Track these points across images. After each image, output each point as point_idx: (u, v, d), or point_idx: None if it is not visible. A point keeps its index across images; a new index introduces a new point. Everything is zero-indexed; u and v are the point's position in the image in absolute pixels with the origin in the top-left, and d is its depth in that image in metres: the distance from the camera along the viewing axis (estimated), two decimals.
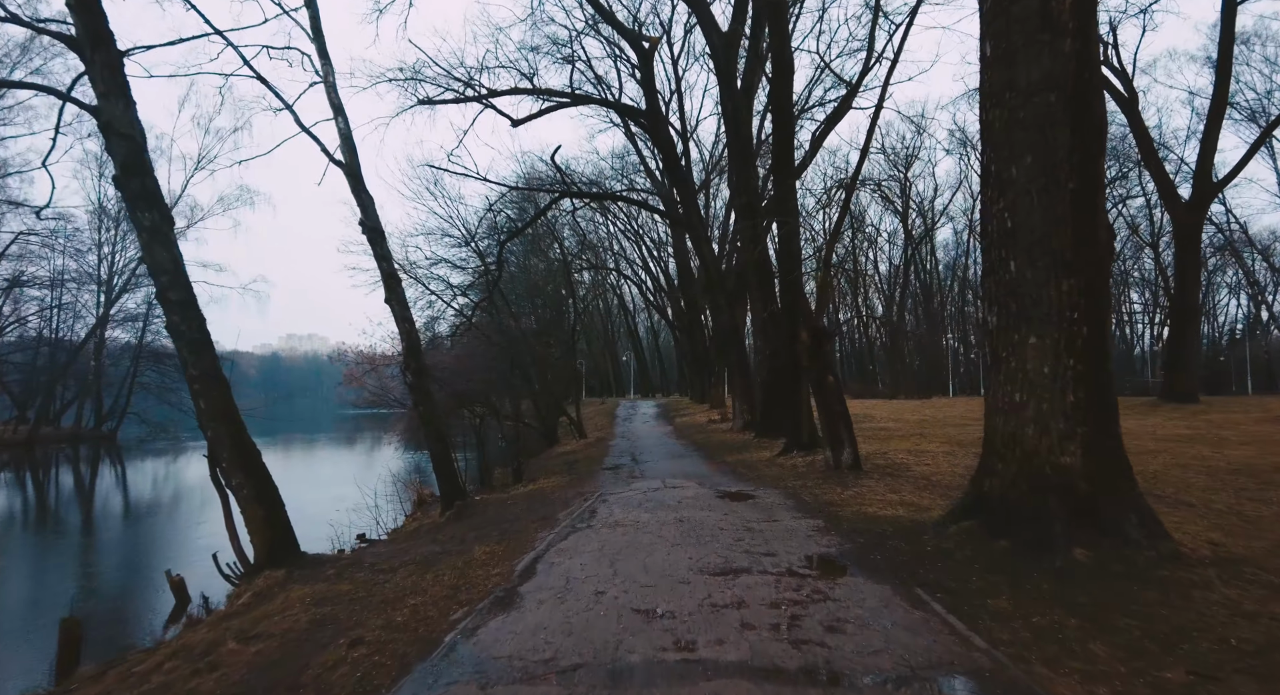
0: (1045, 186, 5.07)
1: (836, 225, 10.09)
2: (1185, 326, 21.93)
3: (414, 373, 9.87)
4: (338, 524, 11.84)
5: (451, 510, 9.66)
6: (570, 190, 18.33)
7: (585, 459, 16.38)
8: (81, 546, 13.42)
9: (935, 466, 10.59)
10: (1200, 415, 17.81)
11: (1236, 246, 37.72)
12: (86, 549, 13.14)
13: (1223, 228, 36.16)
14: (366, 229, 9.96)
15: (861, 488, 8.64)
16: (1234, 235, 37.52)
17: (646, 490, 9.11)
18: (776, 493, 8.56)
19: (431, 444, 10.00)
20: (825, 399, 9.87)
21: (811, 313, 9.86)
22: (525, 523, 7.23)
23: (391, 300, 10.02)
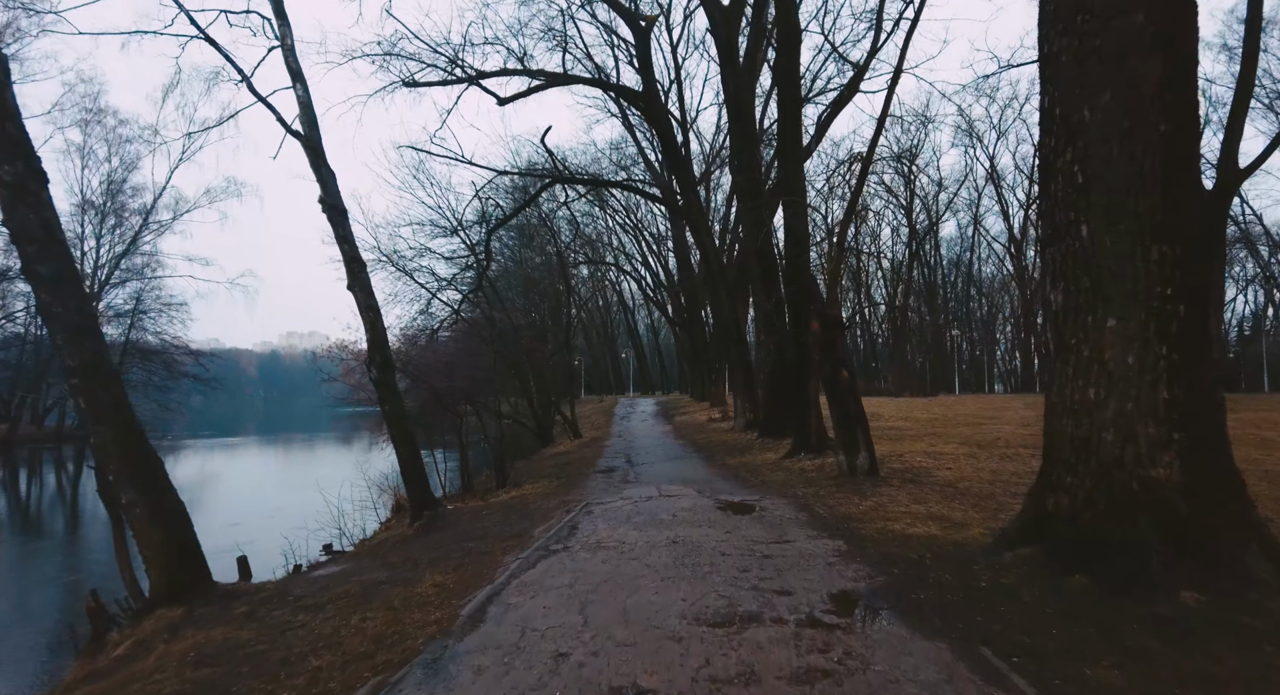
0: (1129, 131, 4.03)
1: (851, 202, 9.07)
2: (1207, 322, 20.87)
3: (378, 367, 8.85)
4: (311, 530, 10.86)
5: (421, 521, 8.65)
6: (562, 175, 17.30)
7: (578, 461, 15.38)
8: (20, 556, 12.42)
9: (959, 471, 9.58)
10: (1230, 414, 16.77)
11: (1252, 239, 36.57)
12: (24, 559, 12.15)
13: (1236, 219, 35.02)
14: (327, 207, 8.93)
15: (881, 497, 7.62)
16: (1248, 227, 36.39)
17: (638, 499, 8.09)
18: (785, 503, 7.54)
19: (399, 447, 9.00)
20: (838, 397, 8.85)
21: (823, 300, 8.83)
22: (493, 542, 6.21)
23: (354, 287, 9.00)
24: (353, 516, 12.03)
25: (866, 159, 8.83)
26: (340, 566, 7.82)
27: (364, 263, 9.15)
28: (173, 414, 43.33)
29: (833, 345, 8.83)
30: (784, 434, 14.68)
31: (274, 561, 9.50)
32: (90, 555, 12.94)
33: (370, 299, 9.06)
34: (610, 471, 12.75)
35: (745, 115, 14.44)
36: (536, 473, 14.43)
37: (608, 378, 60.02)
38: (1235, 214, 34.51)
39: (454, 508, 9.31)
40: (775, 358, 15.31)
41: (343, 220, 9.01)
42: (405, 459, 9.04)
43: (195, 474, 25.97)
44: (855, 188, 8.92)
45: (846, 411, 8.85)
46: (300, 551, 10.46)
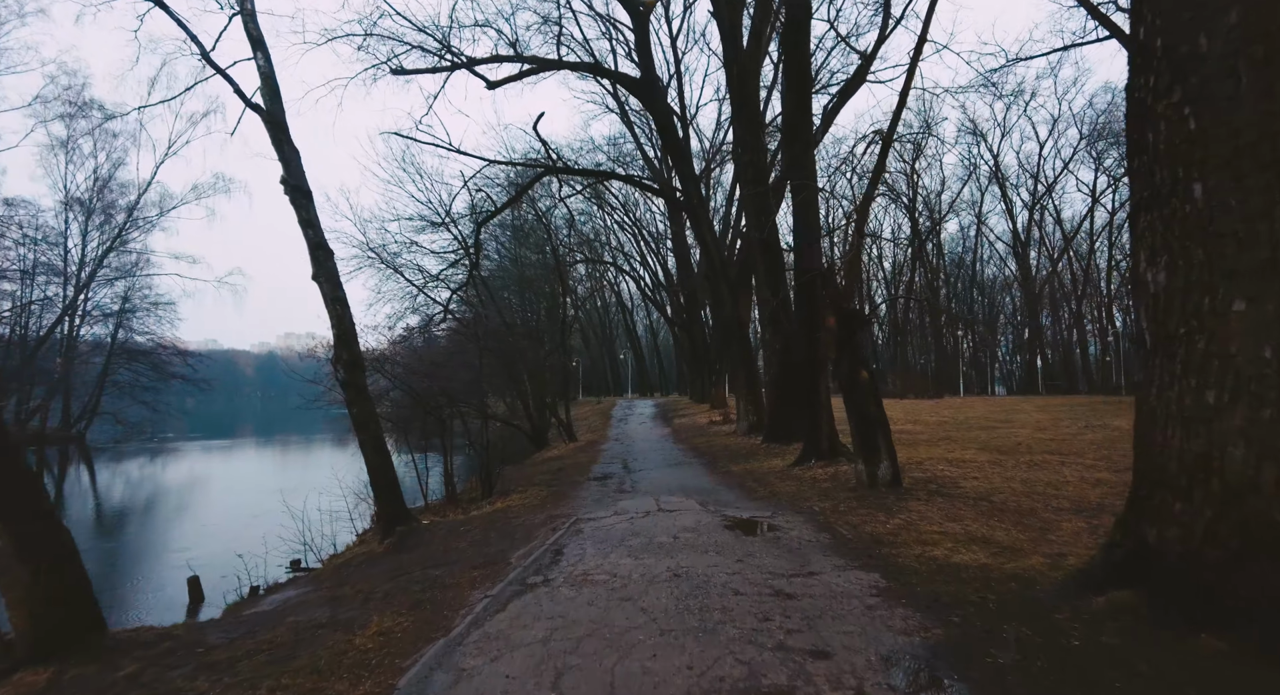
0: (1265, 58, 3.14)
1: (872, 183, 8.16)
2: None
3: (345, 366, 7.94)
4: (287, 540, 9.96)
5: (391, 538, 7.73)
6: (556, 166, 16.40)
7: (572, 466, 14.47)
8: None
9: (987, 481, 8.68)
10: None
11: None
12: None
13: None
14: (289, 188, 8.03)
15: (910, 514, 6.71)
16: None
17: (634, 515, 7.18)
18: (801, 521, 6.63)
19: (368, 454, 8.08)
20: (857, 399, 7.94)
21: (839, 292, 7.93)
22: (463, 570, 5.30)
23: (319, 276, 8.09)
24: (330, 526, 11.12)
25: (888, 134, 7.94)
26: (297, 590, 6.92)
27: (330, 250, 8.25)
28: (161, 416, 42.42)
29: (851, 342, 7.93)
30: (791, 439, 13.78)
31: (235, 580, 8.61)
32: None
33: (338, 290, 8.15)
34: (605, 479, 11.84)
35: (749, 99, 13.55)
36: (527, 479, 13.51)
37: (606, 379, 59.08)
38: None
39: (429, 522, 8.39)
40: (781, 357, 14.41)
41: (307, 203, 8.11)
42: (376, 468, 8.12)
43: (179, 478, 25.06)
44: (877, 165, 8.02)
45: (866, 415, 7.94)
46: (269, 566, 9.57)
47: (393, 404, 11.81)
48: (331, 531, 10.05)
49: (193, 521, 15.24)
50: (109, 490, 22.28)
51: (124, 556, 12.32)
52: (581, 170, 19.20)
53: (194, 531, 13.92)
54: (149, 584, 10.19)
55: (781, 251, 14.44)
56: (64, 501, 20.60)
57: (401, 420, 11.89)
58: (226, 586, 8.78)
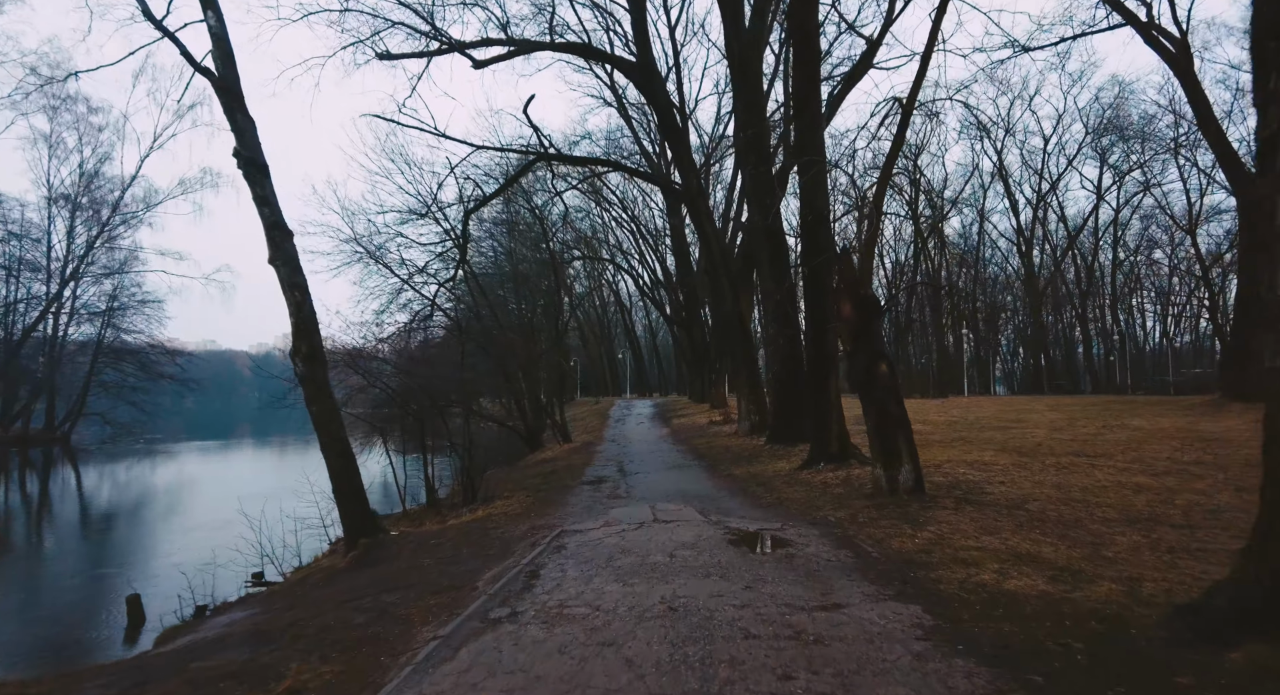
0: None
1: (890, 155, 7.31)
2: (1255, 315, 19.18)
3: (304, 359, 7.10)
4: (256, 550, 9.15)
5: (355, 551, 6.90)
6: (548, 153, 15.58)
7: (565, 469, 13.64)
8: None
9: (1016, 486, 7.87)
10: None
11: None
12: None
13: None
14: (243, 161, 7.20)
15: (940, 526, 5.89)
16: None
17: (627, 526, 6.34)
18: (817, 535, 5.80)
19: (330, 458, 7.24)
20: (876, 396, 7.11)
21: (856, 277, 7.10)
22: (419, 597, 4.46)
23: (277, 260, 7.26)
24: (301, 535, 10.28)
25: (909, 101, 7.11)
26: (244, 612, 6.09)
27: (289, 231, 7.41)
28: (149, 416, 41.48)
29: (868, 333, 7.11)
30: (796, 439, 12.96)
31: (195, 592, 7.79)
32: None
33: (296, 275, 7.31)
34: (599, 483, 11.02)
35: (751, 81, 12.72)
36: (516, 483, 12.68)
37: (604, 379, 58.16)
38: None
39: (399, 534, 7.55)
40: (786, 353, 13.58)
41: (262, 178, 7.27)
42: (339, 473, 7.29)
43: (158, 481, 24.17)
44: (896, 136, 7.19)
45: (886, 414, 7.11)
46: (232, 578, 8.75)
47: (372, 402, 10.98)
48: (297, 541, 9.20)
49: (163, 528, 14.40)
50: (83, 493, 21.40)
51: (81, 566, 11.47)
52: (576, 158, 18.38)
53: (162, 539, 13.09)
54: (102, 598, 9.35)
55: (786, 241, 13.62)
56: (50, 503, 19.74)
57: (380, 420, 11.07)
58: (183, 602, 7.97)
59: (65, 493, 21.87)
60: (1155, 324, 47.13)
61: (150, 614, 7.62)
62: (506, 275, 27.19)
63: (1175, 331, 45.53)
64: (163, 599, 8.31)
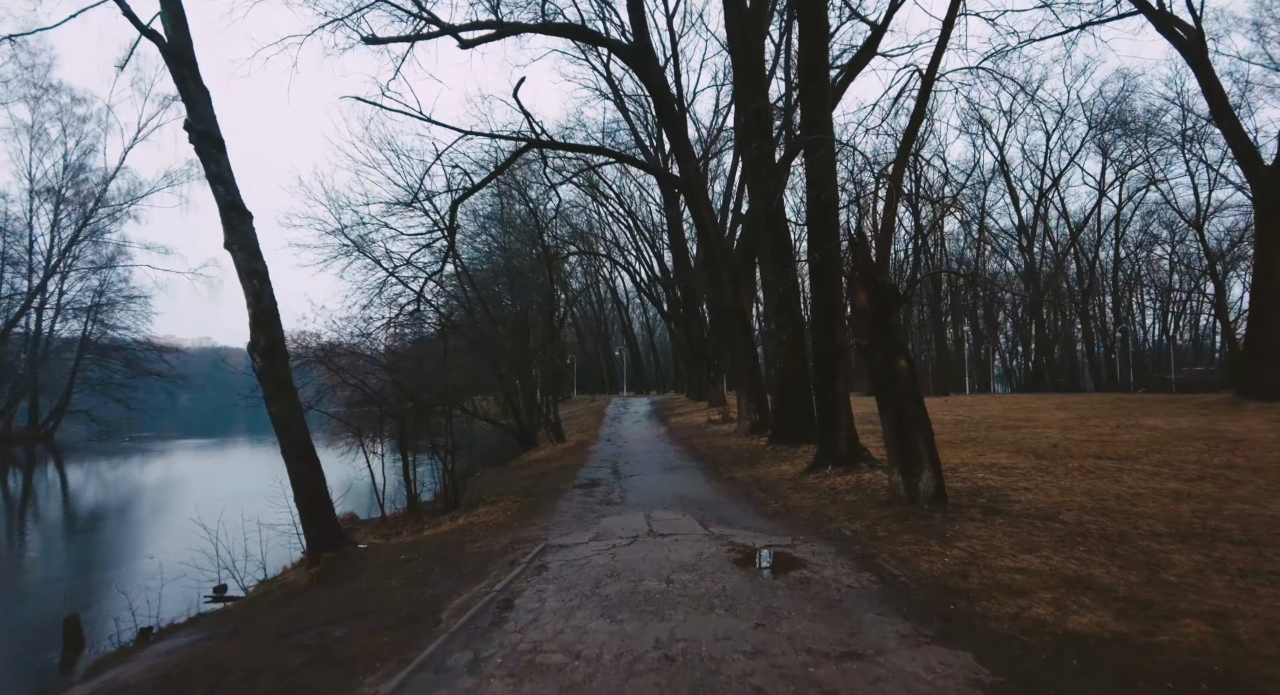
0: None
1: (910, 129, 6.61)
2: (1270, 311, 18.57)
3: (263, 353, 6.39)
4: (237, 555, 8.46)
5: (318, 566, 6.21)
6: (540, 140, 14.87)
7: (557, 470, 12.97)
8: None
9: (1043, 493, 7.21)
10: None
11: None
12: None
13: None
14: (196, 135, 6.48)
15: (971, 541, 5.22)
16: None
17: (619, 540, 5.66)
18: (833, 552, 5.12)
19: (292, 463, 6.54)
20: (894, 394, 6.44)
21: (872, 264, 6.42)
22: (371, 632, 3.78)
23: (233, 244, 6.55)
24: (277, 541, 9.59)
25: (930, 71, 6.44)
26: (188, 638, 5.40)
27: (248, 212, 6.68)
28: (137, 414, 40.65)
29: (885, 325, 6.44)
30: (800, 440, 12.31)
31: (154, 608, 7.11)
32: None
33: (255, 261, 6.59)
34: (591, 486, 10.35)
35: (753, 55, 12.00)
36: (504, 486, 12.01)
37: (601, 377, 57.48)
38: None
39: (368, 547, 6.85)
40: (790, 349, 12.91)
41: (217, 153, 6.55)
42: (301, 480, 6.59)
43: (139, 481, 23.43)
44: (916, 109, 6.51)
45: (905, 414, 6.44)
46: (193, 591, 8.04)
47: (347, 401, 10.27)
48: (262, 553, 8.49)
49: (132, 533, 13.69)
50: (52, 493, 20.64)
51: (39, 576, 10.75)
52: (569, 144, 17.66)
53: (128, 545, 12.37)
54: (51, 614, 8.63)
55: (788, 230, 12.94)
56: (19, 504, 18.99)
57: (358, 420, 10.36)
58: (138, 617, 7.28)
59: (38, 493, 21.12)
60: (1154, 322, 46.56)
61: (100, 633, 6.93)
62: (500, 270, 26.51)
63: (1175, 329, 44.99)
64: (114, 615, 7.63)
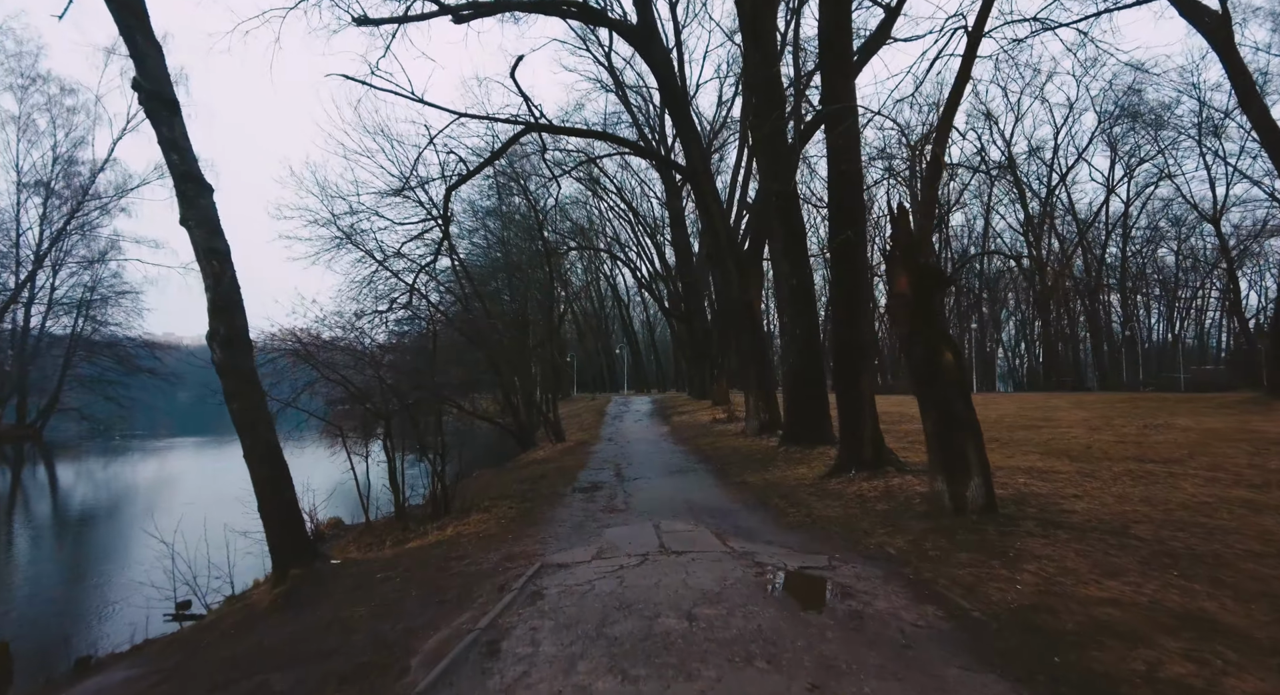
0: None
1: (955, 92, 5.81)
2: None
3: (223, 344, 5.61)
4: (218, 566, 7.70)
5: (284, 586, 5.43)
6: (538, 124, 14.08)
7: (555, 472, 12.20)
8: None
9: (1098, 501, 6.46)
10: None
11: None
12: None
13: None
14: (146, 95, 5.69)
15: (1041, 562, 4.45)
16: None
17: (625, 558, 4.88)
18: (880, 576, 4.34)
19: (255, 467, 5.74)
20: (939, 392, 5.67)
21: (914, 242, 5.65)
22: (318, 688, 3.01)
23: (190, 219, 5.76)
24: (257, 550, 8.82)
25: (977, 27, 5.65)
26: (124, 673, 4.62)
27: (207, 184, 5.89)
28: (128, 411, 39.84)
29: (928, 312, 5.67)
30: (815, 441, 11.54)
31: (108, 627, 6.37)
32: None
33: (215, 239, 5.80)
34: (592, 491, 9.58)
35: (763, 22, 11.17)
36: (500, 489, 11.24)
37: (601, 375, 56.73)
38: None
39: (342, 562, 6.06)
40: (803, 343, 12.13)
41: (170, 117, 5.75)
42: (266, 486, 5.80)
43: (126, 481, 22.66)
44: (961, 69, 5.72)
45: (951, 414, 5.67)
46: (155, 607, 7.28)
47: (325, 399, 9.49)
48: (229, 566, 7.70)
49: (104, 538, 12.92)
50: (34, 494, 19.85)
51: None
52: (569, 129, 16.85)
53: (97, 554, 11.61)
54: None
55: (802, 216, 12.14)
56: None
57: (339, 418, 9.58)
58: (85, 642, 6.52)
59: (9, 495, 20.30)
60: (1159, 320, 45.69)
61: (38, 662, 6.16)
62: (499, 266, 25.76)
63: (1181, 327, 44.15)
64: (66, 635, 6.87)
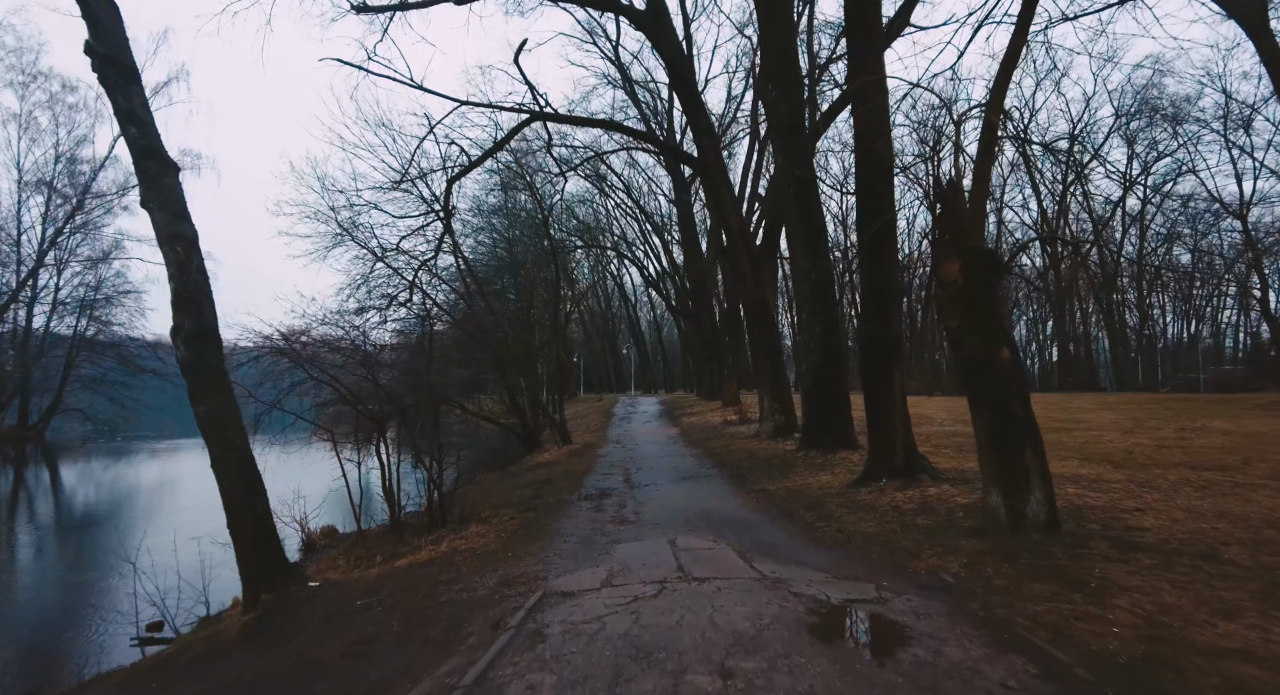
0: None
1: (1011, 52, 5.05)
2: None
3: (188, 341, 4.99)
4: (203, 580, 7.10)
5: (254, 613, 4.80)
6: (543, 112, 13.45)
7: (561, 477, 11.57)
8: None
9: (1167, 517, 5.77)
10: None
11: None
12: None
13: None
14: (100, 61, 5.06)
15: (1132, 596, 3.76)
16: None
17: (639, 593, 4.21)
18: (943, 612, 3.66)
19: (224, 477, 5.09)
20: (992, 393, 4.98)
21: (966, 224, 4.96)
22: None
23: (151, 202, 5.14)
24: None
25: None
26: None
27: (171, 163, 5.27)
28: (130, 412, 39.48)
29: (981, 303, 4.99)
30: (835, 445, 10.86)
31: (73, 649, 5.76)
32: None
33: (179, 223, 5.17)
34: (600, 498, 8.95)
35: (778, 12, 10.51)
36: (502, 495, 10.62)
37: (608, 375, 56.10)
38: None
39: (322, 584, 5.41)
40: (823, 342, 11.45)
41: (128, 86, 5.13)
42: (236, 498, 5.16)
43: (125, 483, 22.18)
44: (1019, 25, 5.02)
45: (1008, 418, 4.98)
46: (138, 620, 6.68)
47: (322, 401, 8.87)
48: (204, 584, 7.06)
49: (87, 547, 12.38)
50: (31, 496, 19.36)
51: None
52: (575, 118, 16.17)
53: (80, 561, 11.06)
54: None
55: (821, 205, 11.45)
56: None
57: (330, 421, 8.97)
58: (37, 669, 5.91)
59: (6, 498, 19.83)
60: (1174, 319, 44.62)
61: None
62: (505, 264, 25.21)
63: (1197, 327, 43.08)
64: (21, 662, 6.27)
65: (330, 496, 10.90)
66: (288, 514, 9.73)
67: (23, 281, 33.01)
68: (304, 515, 9.98)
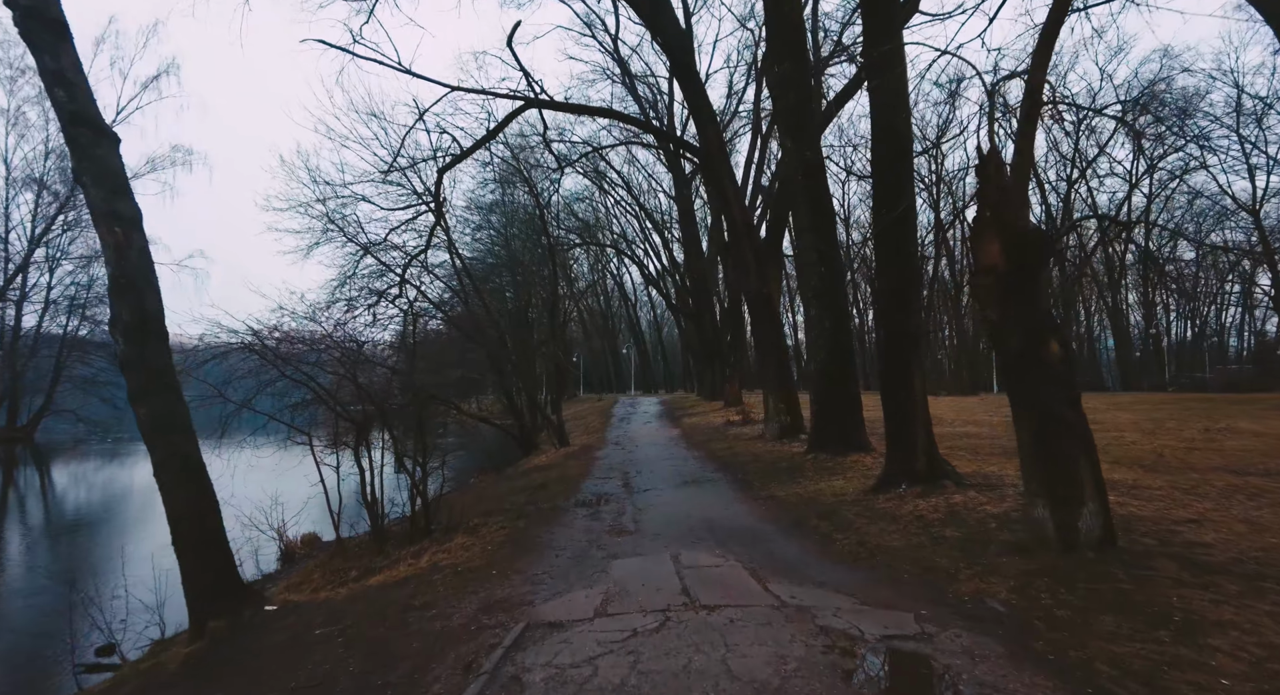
0: None
1: (1055, 11, 4.42)
2: None
3: (127, 333, 4.39)
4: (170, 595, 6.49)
5: (201, 641, 4.19)
6: (538, 99, 12.84)
7: (556, 481, 10.96)
8: None
9: (1228, 530, 5.19)
10: None
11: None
12: None
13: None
14: (22, 13, 4.39)
15: (1228, 634, 3.15)
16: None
17: (639, 626, 3.59)
18: (1004, 655, 3.03)
19: (168, 487, 4.44)
20: (1038, 392, 4.38)
21: (1009, 202, 4.36)
22: None
23: (84, 176, 4.53)
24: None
25: None
26: None
27: (109, 132, 4.65)
28: (124, 413, 38.92)
29: (1026, 290, 4.38)
30: (846, 448, 10.24)
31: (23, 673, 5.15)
32: None
33: (118, 201, 4.55)
34: (597, 505, 8.35)
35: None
36: (494, 501, 10.02)
37: (608, 375, 55.51)
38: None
39: (280, 607, 4.77)
40: (832, 339, 10.85)
41: (56, 43, 4.50)
42: (182, 510, 4.55)
43: (104, 488, 21.58)
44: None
45: (1057, 421, 4.37)
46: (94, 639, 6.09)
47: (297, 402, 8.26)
48: (159, 600, 6.45)
49: (56, 556, 11.76)
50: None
51: None
52: (572, 105, 15.53)
53: (44, 572, 10.44)
54: None
55: (830, 194, 10.84)
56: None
57: (306, 422, 8.36)
58: None
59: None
60: (1177, 318, 43.96)
61: None
62: (502, 262, 24.63)
63: (1203, 326, 42.46)
64: None
65: (312, 501, 10.26)
66: (265, 521, 9.13)
67: (10, 279, 32.37)
68: (282, 523, 9.35)
